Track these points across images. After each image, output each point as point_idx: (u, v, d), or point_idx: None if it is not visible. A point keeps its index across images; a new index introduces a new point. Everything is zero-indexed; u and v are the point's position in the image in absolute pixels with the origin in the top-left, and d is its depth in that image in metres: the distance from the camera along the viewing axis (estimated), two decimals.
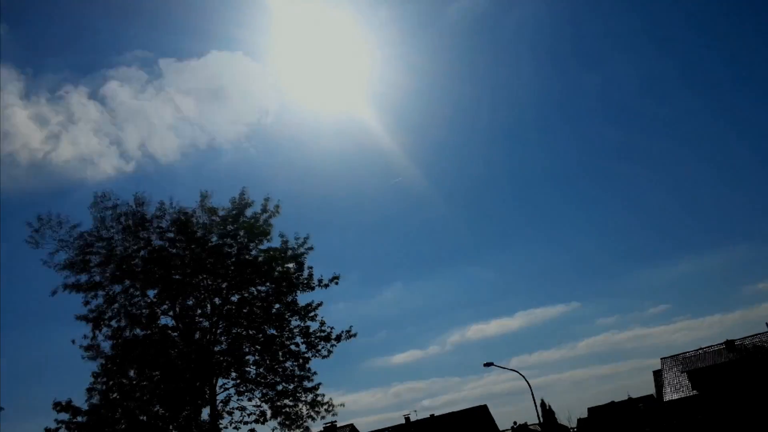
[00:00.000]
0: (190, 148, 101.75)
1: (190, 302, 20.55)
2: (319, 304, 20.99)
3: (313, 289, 21.06)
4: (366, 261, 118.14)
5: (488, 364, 34.28)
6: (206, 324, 20.41)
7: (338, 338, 20.85)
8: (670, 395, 42.17)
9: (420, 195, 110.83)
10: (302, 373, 20.65)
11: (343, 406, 20.77)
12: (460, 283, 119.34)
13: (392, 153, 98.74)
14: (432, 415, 60.96)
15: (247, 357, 20.65)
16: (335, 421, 21.64)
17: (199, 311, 20.54)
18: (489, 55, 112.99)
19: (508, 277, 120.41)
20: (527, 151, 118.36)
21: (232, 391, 20.22)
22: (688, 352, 46.38)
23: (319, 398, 20.42)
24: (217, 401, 19.61)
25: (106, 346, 19.37)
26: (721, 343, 44.43)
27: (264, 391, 20.37)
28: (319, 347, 20.86)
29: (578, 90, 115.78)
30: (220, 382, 20.06)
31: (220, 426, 19.39)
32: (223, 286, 20.74)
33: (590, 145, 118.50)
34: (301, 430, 20.24)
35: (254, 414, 20.02)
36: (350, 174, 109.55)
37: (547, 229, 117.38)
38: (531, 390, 33.15)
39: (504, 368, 37.99)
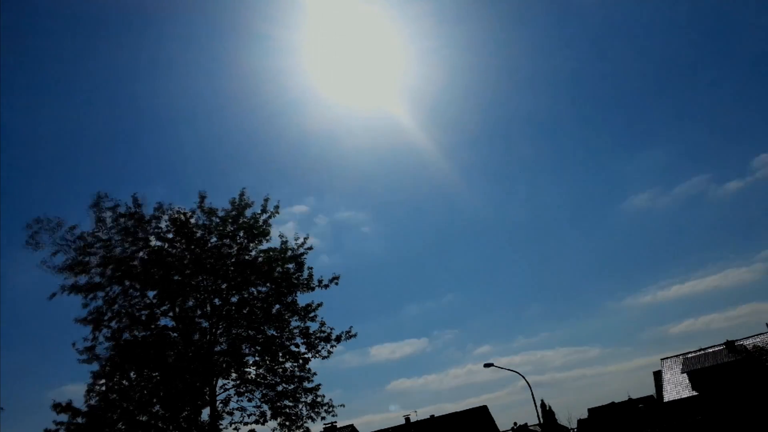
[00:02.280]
0: None
1: (190, 303, 20.52)
2: (319, 305, 21.05)
3: (312, 289, 21.12)
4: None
5: (488, 365, 34.29)
6: (206, 325, 20.38)
7: (338, 339, 20.93)
8: (670, 395, 42.18)
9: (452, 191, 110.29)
10: (302, 373, 20.68)
11: (344, 406, 20.81)
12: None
13: (426, 150, 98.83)
14: (432, 416, 61.07)
15: (246, 358, 20.65)
16: (335, 422, 21.61)
17: (198, 312, 20.51)
18: (525, 45, 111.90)
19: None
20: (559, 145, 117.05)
21: (232, 391, 20.26)
22: (688, 352, 46.41)
23: (319, 399, 20.45)
24: (217, 402, 19.60)
25: (104, 348, 19.29)
26: (722, 344, 44.49)
27: (264, 391, 20.39)
28: (319, 348, 20.91)
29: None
30: (220, 382, 20.08)
31: (220, 426, 19.38)
32: (223, 286, 20.73)
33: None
34: (302, 430, 20.24)
35: (254, 415, 20.06)
36: (382, 170, 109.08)
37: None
38: (531, 390, 33.16)
39: (503, 368, 38.02)
